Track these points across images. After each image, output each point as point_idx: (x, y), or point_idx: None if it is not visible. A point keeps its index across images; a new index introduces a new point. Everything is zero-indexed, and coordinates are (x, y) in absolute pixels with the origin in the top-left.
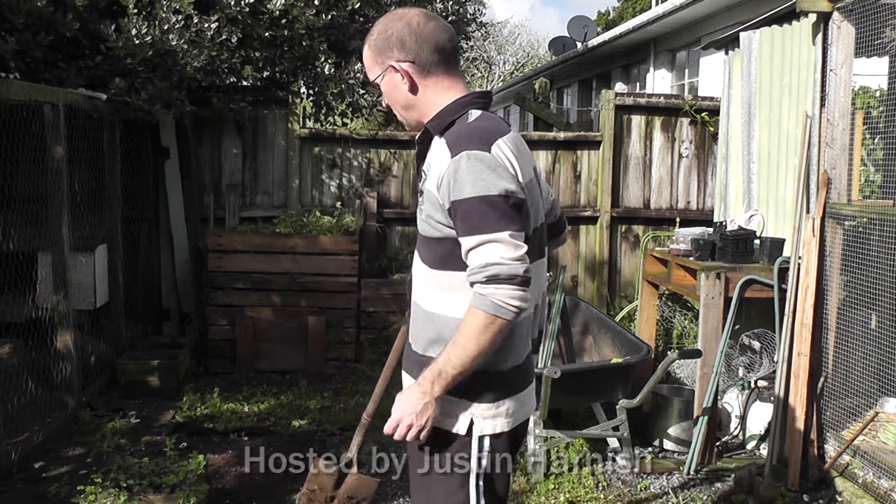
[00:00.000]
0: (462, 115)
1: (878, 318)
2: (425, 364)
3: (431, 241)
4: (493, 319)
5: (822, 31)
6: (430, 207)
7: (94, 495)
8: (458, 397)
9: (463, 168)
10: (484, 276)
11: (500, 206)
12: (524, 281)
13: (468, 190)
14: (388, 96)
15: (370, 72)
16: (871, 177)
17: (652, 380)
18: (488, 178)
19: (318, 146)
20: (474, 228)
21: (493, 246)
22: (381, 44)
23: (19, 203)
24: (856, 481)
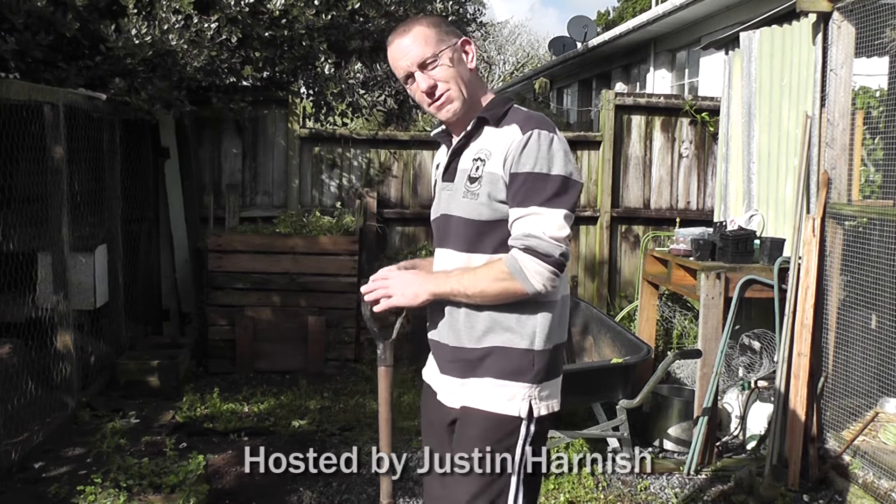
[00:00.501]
0: (511, 107)
1: (878, 318)
2: (483, 357)
3: (487, 225)
4: (513, 281)
5: (822, 31)
6: (493, 188)
7: (93, 495)
8: (515, 380)
9: (532, 143)
10: (522, 245)
11: (558, 184)
12: (557, 263)
13: (530, 164)
14: (449, 73)
15: (429, 44)
16: (871, 177)
17: (652, 380)
18: (553, 157)
19: (318, 146)
20: (527, 199)
21: (539, 219)
22: (444, 24)
23: (19, 203)
24: (856, 481)
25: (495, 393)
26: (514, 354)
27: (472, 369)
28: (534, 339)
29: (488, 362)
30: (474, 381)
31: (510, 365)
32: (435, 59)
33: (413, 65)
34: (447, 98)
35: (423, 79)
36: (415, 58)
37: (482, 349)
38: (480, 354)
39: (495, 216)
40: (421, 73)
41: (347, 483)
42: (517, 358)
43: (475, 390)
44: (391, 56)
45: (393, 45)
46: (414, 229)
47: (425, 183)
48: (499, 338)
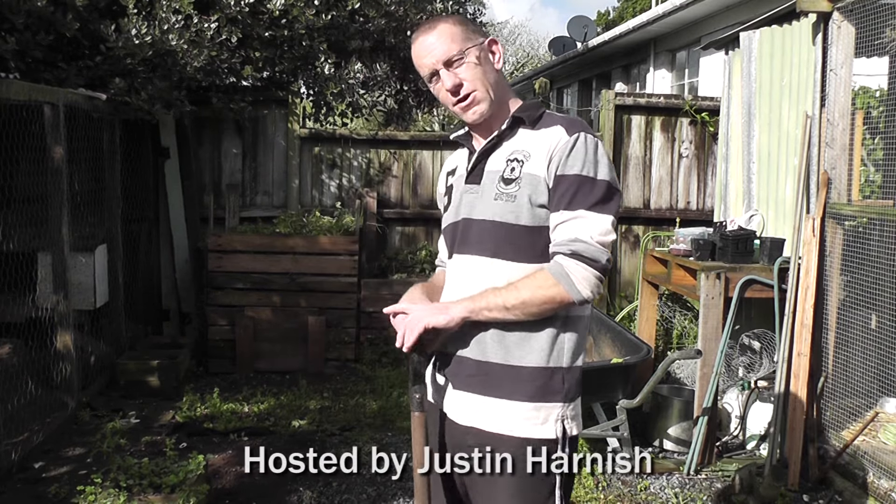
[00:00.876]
0: (544, 111)
1: (878, 318)
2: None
3: (523, 231)
4: (559, 290)
5: (822, 31)
6: (533, 190)
7: (93, 495)
8: (548, 401)
9: (579, 146)
10: (569, 250)
11: (604, 190)
12: (603, 269)
13: (578, 166)
14: (476, 72)
15: (455, 42)
16: (871, 177)
17: (652, 380)
18: (599, 162)
19: (318, 146)
20: (573, 202)
21: (585, 223)
22: (471, 23)
23: (19, 203)
24: (856, 481)
25: (528, 416)
26: (545, 374)
27: (498, 387)
28: (563, 357)
29: (517, 382)
30: (502, 402)
31: (542, 385)
32: (461, 57)
33: (438, 62)
34: (473, 99)
35: (449, 77)
36: (440, 55)
37: (510, 367)
38: (509, 374)
39: (534, 222)
40: (446, 70)
41: (347, 483)
42: (548, 377)
43: (504, 414)
44: (415, 53)
45: (417, 42)
46: (414, 229)
47: (425, 183)
48: (528, 356)
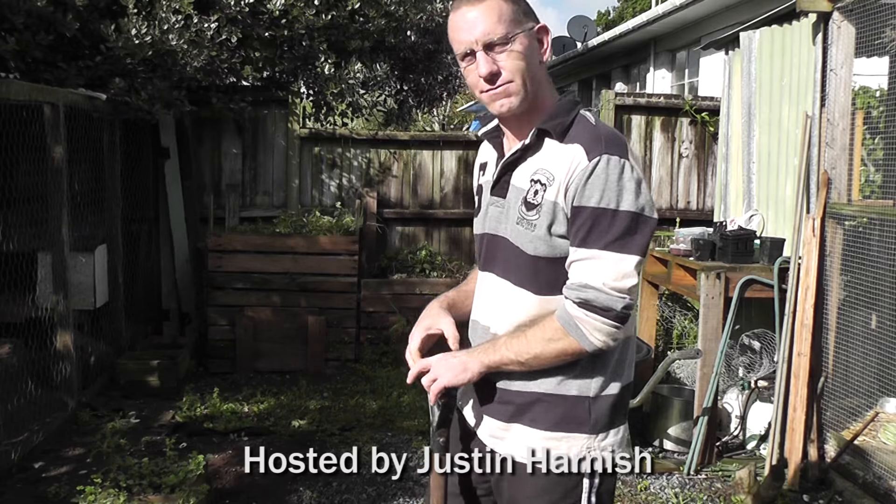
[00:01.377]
0: (577, 116)
1: (878, 318)
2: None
3: (544, 262)
4: (569, 342)
5: (822, 31)
6: (553, 220)
7: (93, 495)
8: (570, 431)
9: (598, 172)
10: (578, 297)
11: (626, 224)
12: (619, 317)
13: (596, 197)
14: (518, 63)
15: (502, 22)
16: (871, 177)
17: (652, 380)
18: (623, 189)
19: (318, 146)
20: (588, 240)
21: (599, 266)
22: (522, 2)
23: (19, 203)
24: (856, 481)
25: (548, 446)
26: (568, 401)
27: (519, 414)
28: (589, 385)
29: (538, 410)
30: (523, 430)
31: (565, 413)
32: (506, 43)
33: (478, 42)
34: (505, 91)
35: (486, 62)
36: (481, 34)
37: (530, 393)
38: (529, 399)
39: (554, 253)
40: (485, 54)
41: (347, 483)
42: (571, 405)
43: (524, 440)
44: (452, 24)
45: (458, 13)
46: (414, 229)
47: (425, 183)
48: (549, 381)
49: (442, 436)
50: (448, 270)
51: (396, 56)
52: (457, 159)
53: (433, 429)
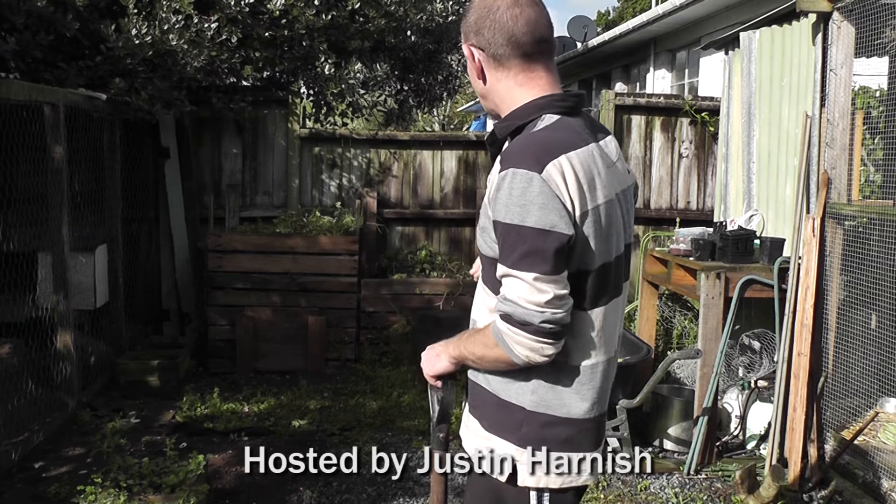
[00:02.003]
0: (533, 120)
1: (878, 318)
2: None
3: (489, 260)
4: (500, 351)
5: (822, 31)
6: (486, 221)
7: (94, 495)
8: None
9: (505, 187)
10: (500, 310)
11: (531, 241)
12: (540, 331)
13: (502, 212)
14: (472, 81)
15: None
16: (871, 177)
17: (652, 380)
18: (526, 206)
19: (318, 146)
20: (502, 254)
21: (515, 282)
22: (466, 25)
23: (19, 203)
24: (856, 481)
25: (479, 444)
26: (504, 405)
27: (474, 408)
28: (527, 397)
29: (484, 407)
30: (474, 424)
31: (498, 416)
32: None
33: None
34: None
35: None
36: None
37: (483, 389)
38: (481, 395)
39: (490, 253)
40: None
41: (347, 483)
42: (505, 410)
43: (470, 433)
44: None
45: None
46: (414, 229)
47: (425, 183)
48: (496, 382)
49: (442, 431)
50: (448, 270)
51: (396, 56)
52: (457, 159)
53: (433, 424)
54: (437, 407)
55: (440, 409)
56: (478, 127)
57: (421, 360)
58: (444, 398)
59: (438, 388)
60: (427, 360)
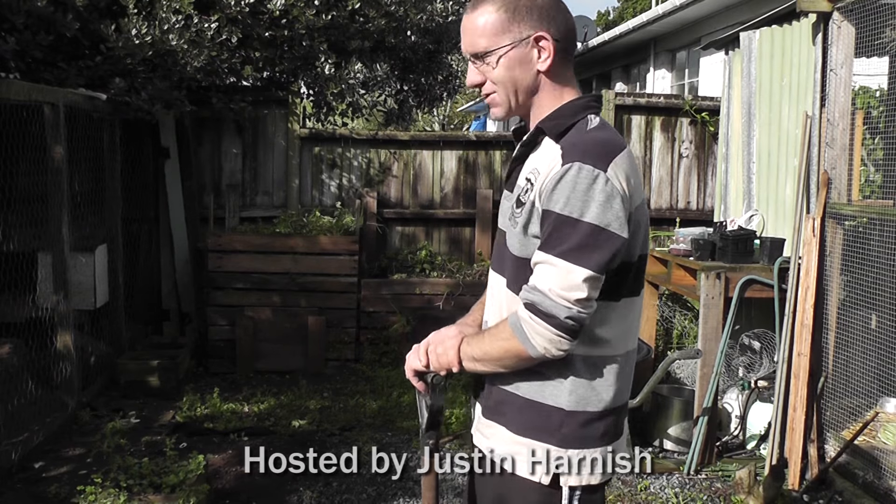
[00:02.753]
0: (581, 120)
1: (878, 318)
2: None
3: (521, 262)
4: (513, 343)
5: (822, 31)
6: (528, 219)
7: (94, 495)
8: (536, 438)
9: (569, 179)
10: (526, 299)
11: (586, 236)
12: (563, 326)
13: (561, 204)
14: (503, 75)
15: (487, 37)
16: (871, 177)
17: (652, 380)
18: (590, 200)
19: (318, 146)
20: (547, 244)
21: (552, 272)
22: (537, 11)
23: (19, 203)
24: (856, 481)
25: (512, 450)
26: (539, 408)
27: (499, 413)
28: (565, 397)
29: (513, 411)
30: (499, 429)
31: (533, 419)
32: (486, 56)
33: (466, 52)
34: (491, 101)
35: (470, 72)
36: (468, 45)
37: (510, 392)
38: (507, 398)
39: (524, 253)
40: (472, 63)
41: (347, 483)
42: (541, 413)
43: (497, 440)
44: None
45: (464, 17)
46: (414, 229)
47: (425, 183)
48: (527, 384)
49: (431, 438)
50: (448, 270)
51: (396, 56)
52: (457, 159)
53: (422, 431)
54: (426, 413)
55: (429, 416)
56: (478, 127)
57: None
58: (434, 404)
59: (425, 392)
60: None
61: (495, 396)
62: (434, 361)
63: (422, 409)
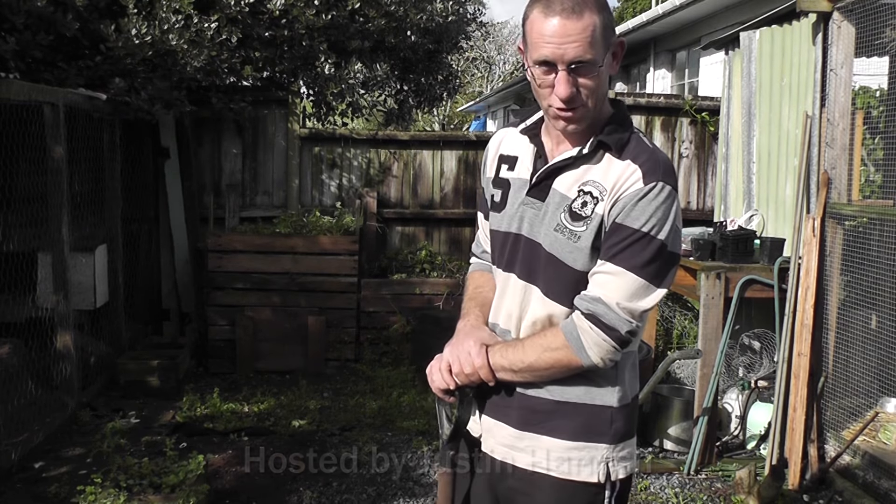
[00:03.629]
0: (633, 132)
1: (878, 318)
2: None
3: (567, 270)
4: (566, 353)
5: (822, 31)
6: (597, 234)
7: (94, 495)
8: (591, 441)
9: (650, 198)
10: (587, 309)
11: (658, 253)
12: (621, 339)
13: (641, 220)
14: (597, 86)
15: (596, 46)
16: (871, 177)
17: (652, 380)
18: (666, 221)
19: (318, 146)
20: (617, 256)
21: (618, 284)
22: (609, 11)
23: (19, 203)
24: (856, 481)
25: (569, 456)
26: (590, 411)
27: (537, 423)
28: (613, 394)
29: (558, 418)
30: (541, 439)
31: (586, 423)
32: (593, 68)
33: (564, 61)
34: (579, 115)
35: (568, 84)
36: (573, 56)
37: (550, 401)
38: (548, 407)
39: (588, 267)
40: (567, 75)
41: (347, 483)
42: (593, 415)
43: (543, 451)
44: (540, 29)
45: (551, 20)
46: (414, 229)
47: (425, 183)
48: (571, 390)
49: (453, 450)
50: (448, 270)
51: (396, 56)
52: (457, 159)
53: (443, 442)
54: (449, 424)
55: (455, 427)
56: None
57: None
58: (462, 417)
59: (451, 402)
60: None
61: (532, 406)
62: (464, 380)
63: (442, 418)
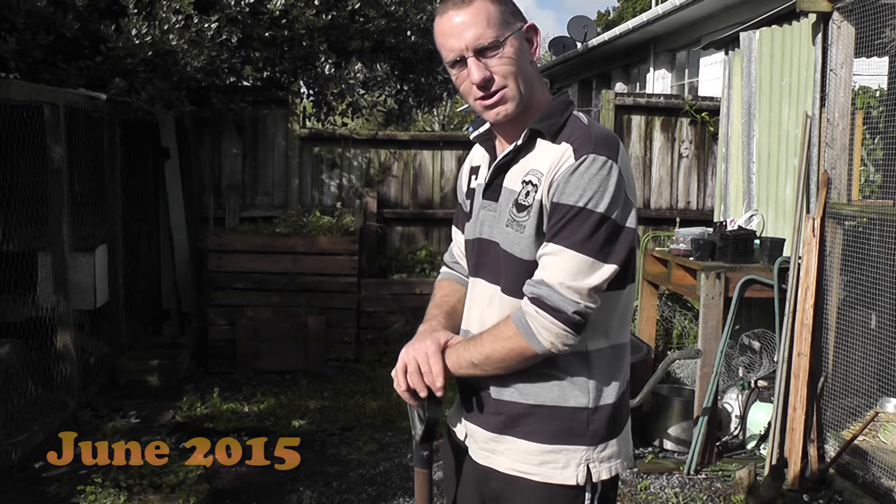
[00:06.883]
0: (570, 116)
1: (878, 318)
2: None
3: (525, 265)
4: (518, 341)
5: (822, 31)
6: (539, 220)
7: (94, 495)
8: (571, 444)
9: (582, 170)
10: (531, 293)
11: (599, 227)
12: (569, 321)
13: (575, 195)
14: (510, 67)
15: (494, 27)
16: (871, 177)
17: (652, 380)
18: (606, 192)
19: (318, 146)
20: (557, 236)
21: (559, 263)
22: (509, 5)
23: (19, 203)
24: (856, 481)
25: (547, 459)
26: (565, 413)
27: (513, 426)
28: (587, 395)
29: (534, 421)
30: (518, 442)
31: (562, 426)
32: (497, 47)
33: (468, 48)
34: (502, 97)
35: (479, 68)
36: (471, 39)
37: (525, 405)
38: (523, 410)
39: (527, 256)
40: (476, 60)
41: (347, 483)
42: (569, 417)
43: (520, 454)
44: (440, 30)
45: (445, 18)
46: (413, 229)
47: (425, 183)
48: (545, 392)
49: (426, 450)
50: None
51: (396, 56)
52: (457, 159)
53: (416, 443)
54: (421, 425)
55: (426, 428)
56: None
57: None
58: (431, 416)
59: (414, 405)
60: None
61: (507, 411)
62: (416, 383)
63: (414, 419)
